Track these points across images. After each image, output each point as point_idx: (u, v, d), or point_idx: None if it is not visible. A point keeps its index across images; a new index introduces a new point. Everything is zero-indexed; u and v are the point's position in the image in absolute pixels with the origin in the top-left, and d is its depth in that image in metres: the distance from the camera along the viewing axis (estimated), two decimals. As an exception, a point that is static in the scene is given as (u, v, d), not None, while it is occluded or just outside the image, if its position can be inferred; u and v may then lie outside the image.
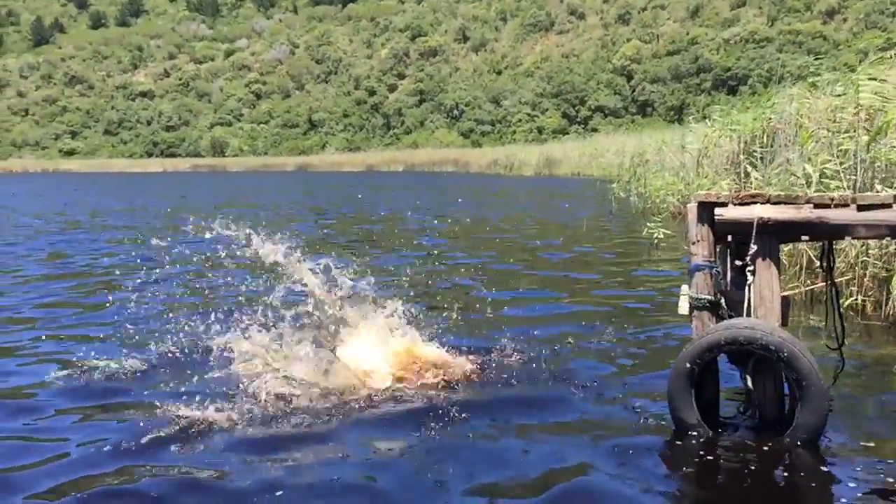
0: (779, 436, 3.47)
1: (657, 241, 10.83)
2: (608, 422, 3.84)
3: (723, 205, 3.70)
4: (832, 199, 3.60)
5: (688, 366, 3.49)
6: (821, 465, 3.30)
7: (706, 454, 3.40)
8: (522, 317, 6.25)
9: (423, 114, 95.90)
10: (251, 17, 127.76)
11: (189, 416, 3.76)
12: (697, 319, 3.73)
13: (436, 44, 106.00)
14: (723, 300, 3.74)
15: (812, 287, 6.52)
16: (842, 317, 4.16)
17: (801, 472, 3.24)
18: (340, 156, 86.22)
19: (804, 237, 3.80)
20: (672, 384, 3.56)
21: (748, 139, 10.75)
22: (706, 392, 3.67)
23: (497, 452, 3.48)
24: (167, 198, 28.02)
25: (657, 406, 3.96)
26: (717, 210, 3.70)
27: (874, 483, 3.13)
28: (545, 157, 49.24)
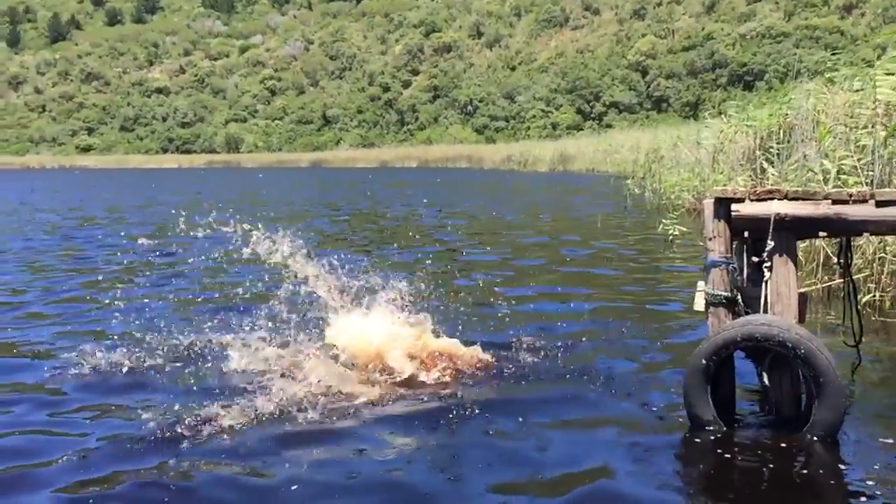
0: (796, 433, 3.45)
1: (672, 238, 10.79)
2: (625, 418, 3.83)
3: (740, 200, 3.68)
4: (850, 195, 3.57)
5: (703, 362, 3.47)
6: (838, 462, 3.28)
7: (723, 451, 3.39)
8: (539, 313, 6.24)
9: (437, 110, 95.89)
10: (266, 14, 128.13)
11: (204, 413, 3.77)
12: (713, 316, 3.72)
13: (450, 40, 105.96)
14: (739, 297, 3.72)
15: (829, 283, 6.48)
16: (859, 313, 4.14)
17: (819, 469, 3.22)
18: (354, 152, 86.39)
19: (822, 233, 3.78)
20: (688, 381, 3.55)
21: (764, 135, 10.69)
22: (722, 389, 3.66)
23: (513, 450, 3.47)
24: (182, 193, 28.17)
25: (674, 403, 3.94)
26: (734, 206, 3.68)
27: (892, 480, 3.11)
28: (559, 154, 49.16)
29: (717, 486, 3.19)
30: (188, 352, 5.00)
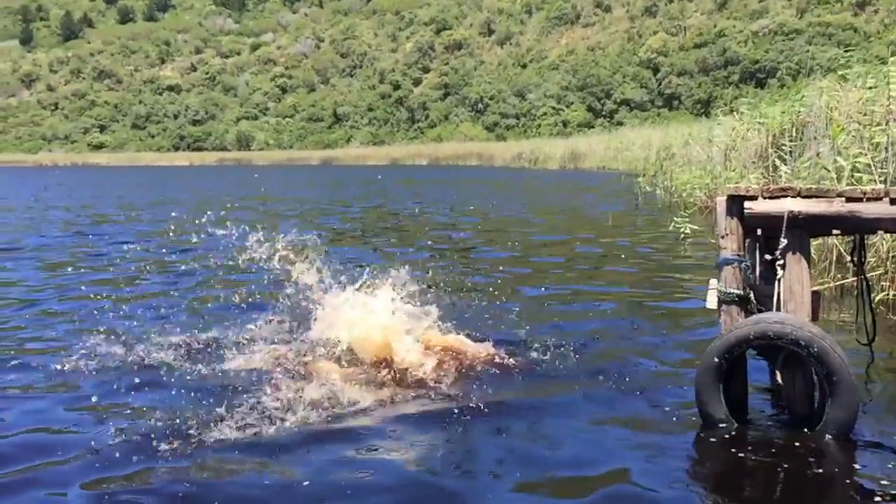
0: (809, 432, 3.44)
1: (684, 236, 10.75)
2: (637, 416, 3.82)
3: (752, 198, 3.66)
4: (864, 193, 3.54)
5: (716, 360, 3.46)
6: (851, 461, 3.27)
7: (736, 450, 3.37)
8: (550, 310, 6.23)
9: (448, 107, 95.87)
10: (277, 11, 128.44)
11: (216, 412, 3.76)
12: (726, 314, 3.71)
13: (461, 37, 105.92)
14: (752, 295, 3.70)
15: (843, 282, 6.45)
16: (873, 312, 4.12)
17: (832, 468, 3.21)
18: (365, 149, 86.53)
19: (835, 231, 3.76)
20: (700, 379, 3.54)
21: (777, 132, 10.64)
22: (735, 387, 3.64)
23: (525, 449, 3.45)
24: (193, 191, 28.26)
25: (686, 401, 3.92)
26: (747, 203, 3.66)
27: (906, 480, 3.10)
28: (570, 151, 49.08)
29: (730, 486, 3.18)
30: (201, 350, 5.01)
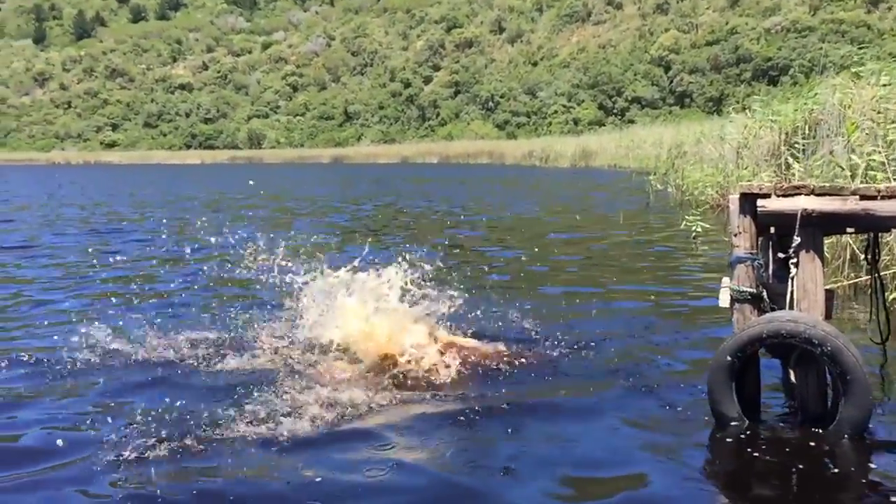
0: (822, 431, 3.43)
1: (696, 234, 10.72)
2: (650, 415, 3.81)
3: (766, 196, 3.64)
4: (879, 191, 3.53)
5: (728, 359, 3.45)
6: (866, 461, 3.26)
7: (749, 449, 3.36)
8: (561, 309, 6.22)
9: (459, 105, 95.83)
10: (288, 10, 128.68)
11: (230, 412, 3.76)
12: (739, 312, 3.70)
13: (471, 35, 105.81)
14: (765, 293, 3.69)
15: (856, 280, 6.42)
16: (886, 310, 4.10)
17: (846, 467, 3.19)
18: (376, 148, 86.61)
19: (849, 229, 3.74)
20: (712, 377, 3.53)
21: (789, 130, 10.58)
22: (747, 386, 3.63)
23: (537, 450, 3.45)
24: (207, 189, 28.35)
25: (699, 399, 3.91)
26: (760, 201, 3.65)
27: (920, 479, 3.09)
28: (581, 149, 48.95)
29: (743, 485, 3.18)
30: (212, 348, 5.02)
